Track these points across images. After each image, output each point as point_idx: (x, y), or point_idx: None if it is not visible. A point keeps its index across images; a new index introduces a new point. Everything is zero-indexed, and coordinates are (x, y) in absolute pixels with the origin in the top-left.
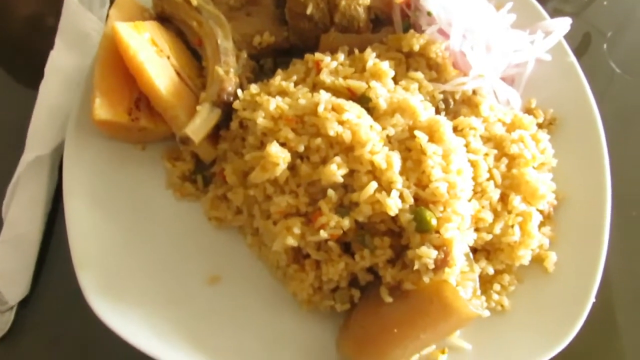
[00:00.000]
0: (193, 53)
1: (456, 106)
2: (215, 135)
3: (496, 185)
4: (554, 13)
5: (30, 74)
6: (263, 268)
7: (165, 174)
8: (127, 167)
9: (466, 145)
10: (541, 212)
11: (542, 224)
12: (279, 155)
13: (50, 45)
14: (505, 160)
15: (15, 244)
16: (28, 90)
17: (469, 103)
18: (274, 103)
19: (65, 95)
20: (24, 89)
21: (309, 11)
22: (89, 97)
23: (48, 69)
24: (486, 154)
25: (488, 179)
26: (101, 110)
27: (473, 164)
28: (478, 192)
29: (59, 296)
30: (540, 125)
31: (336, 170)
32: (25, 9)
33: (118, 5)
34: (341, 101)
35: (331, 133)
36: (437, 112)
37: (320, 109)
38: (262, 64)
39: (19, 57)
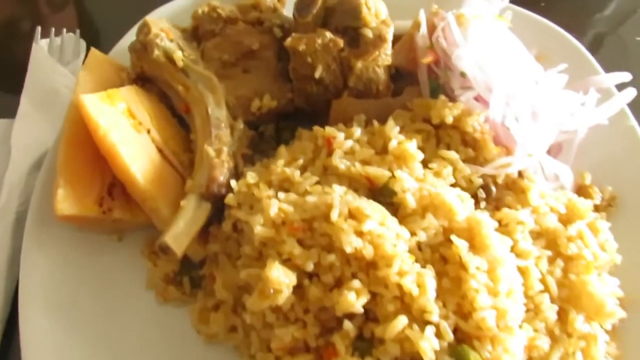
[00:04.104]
0: (179, 120)
1: (499, 192)
2: (204, 231)
3: (552, 299)
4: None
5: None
6: None
7: (146, 271)
8: (100, 263)
9: (513, 246)
10: (607, 331)
11: (606, 343)
12: (281, 281)
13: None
14: (560, 263)
15: None
16: None
17: (514, 188)
18: (276, 206)
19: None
20: None
21: (317, 74)
22: (51, 179)
23: (13, 139)
24: (538, 257)
25: (542, 291)
26: (65, 203)
27: (523, 272)
28: (530, 310)
29: None
30: (597, 208)
31: (355, 300)
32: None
33: (89, 66)
34: (360, 204)
35: (348, 250)
36: (476, 201)
37: (334, 216)
38: (262, 131)
39: None
